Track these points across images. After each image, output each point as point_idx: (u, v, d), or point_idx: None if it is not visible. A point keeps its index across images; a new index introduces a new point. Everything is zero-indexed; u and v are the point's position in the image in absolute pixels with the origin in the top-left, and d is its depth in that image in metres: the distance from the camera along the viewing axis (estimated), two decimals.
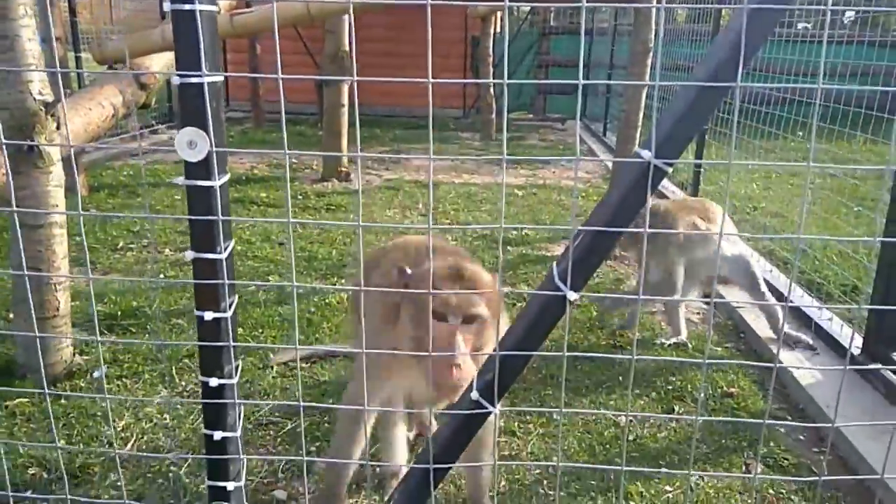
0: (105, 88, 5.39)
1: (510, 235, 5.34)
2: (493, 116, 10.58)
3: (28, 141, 2.81)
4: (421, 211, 6.00)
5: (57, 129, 2.93)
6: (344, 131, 7.12)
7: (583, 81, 1.09)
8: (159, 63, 5.97)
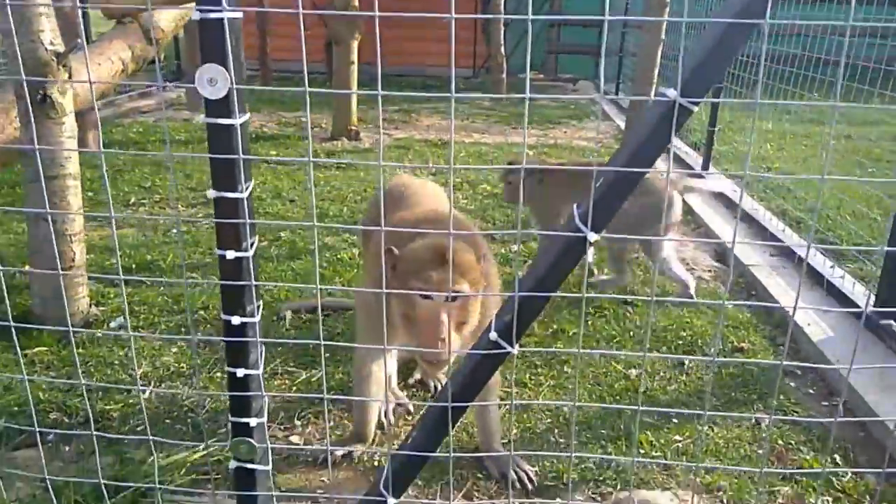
0: (114, 43, 5.34)
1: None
2: (504, 76, 10.44)
3: (40, 91, 2.81)
4: (431, 171, 5.98)
5: (69, 79, 2.92)
6: (353, 88, 7.05)
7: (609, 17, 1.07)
8: (167, 18, 5.90)
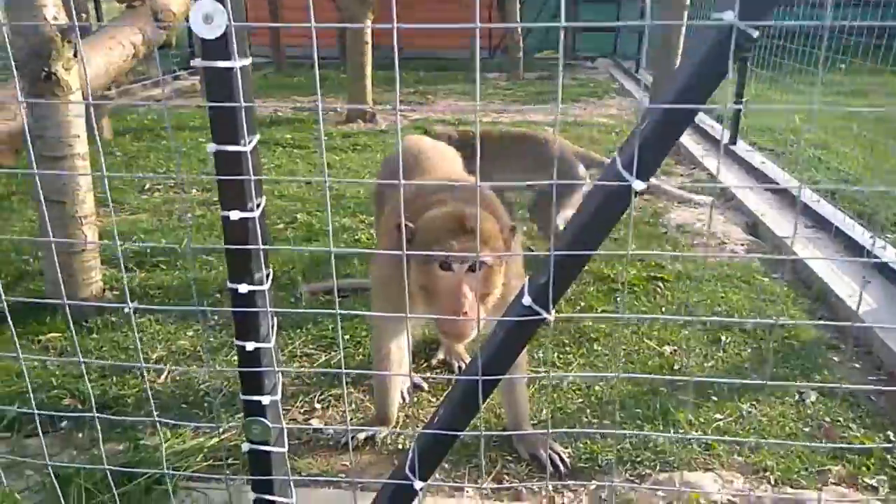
0: (124, 27, 5.26)
1: None
2: (521, 55, 10.24)
3: (45, 69, 2.71)
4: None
5: (74, 56, 2.82)
6: (368, 70, 6.92)
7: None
8: (178, 1, 5.80)
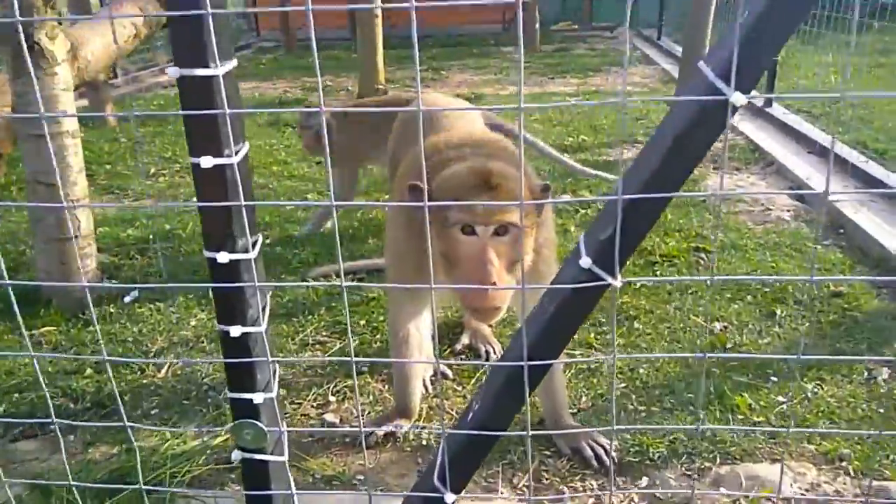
0: (124, 7, 5.04)
1: (566, 142, 4.89)
2: (538, 27, 9.91)
3: (26, 38, 2.48)
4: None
5: (59, 24, 2.60)
6: (379, 45, 6.64)
7: None
8: None
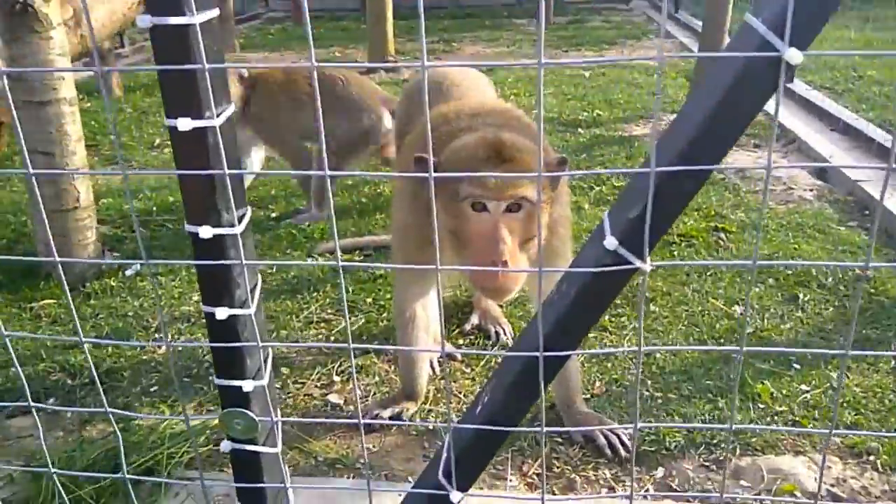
0: None
1: (581, 117, 4.75)
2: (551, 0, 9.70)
3: (19, 2, 2.38)
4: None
5: None
6: (389, 15, 6.50)
7: None
8: None
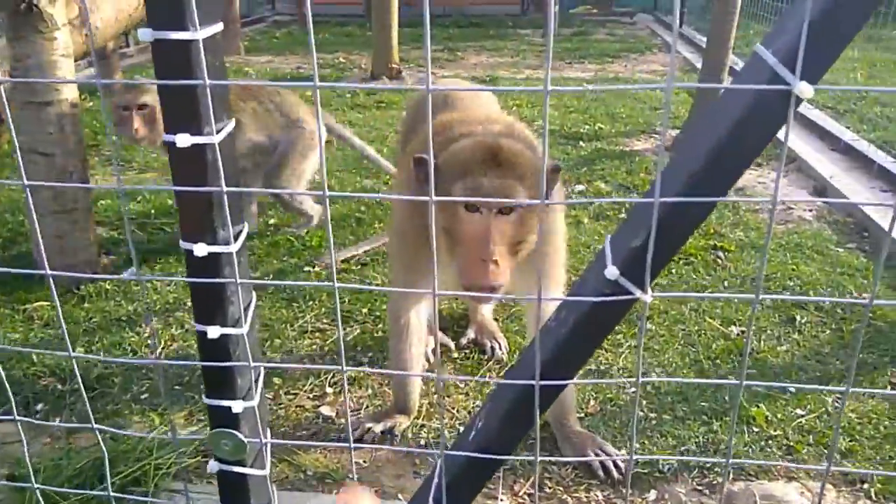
0: None
1: (582, 130, 4.76)
2: (556, 9, 9.73)
3: (24, 1, 2.38)
4: None
5: None
6: (394, 23, 6.51)
7: None
8: None
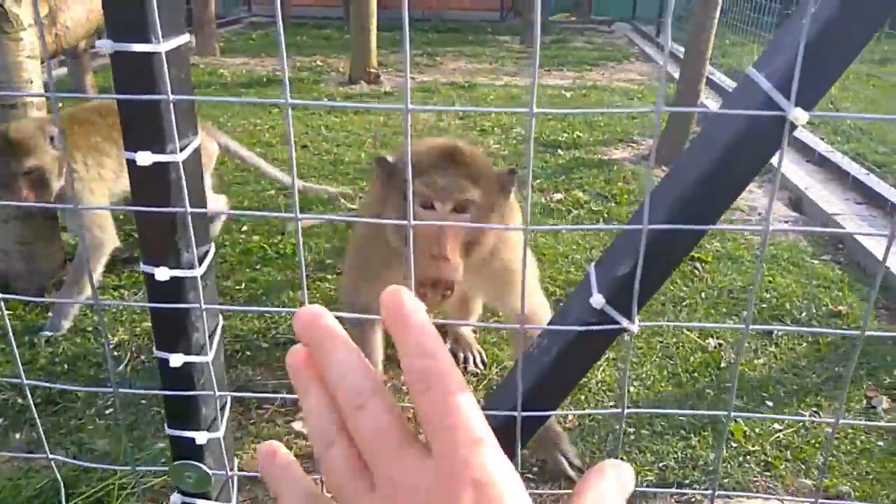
0: None
1: (561, 138, 4.75)
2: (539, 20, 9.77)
3: None
4: (458, 114, 5.40)
5: None
6: (373, 27, 6.46)
7: None
8: None
